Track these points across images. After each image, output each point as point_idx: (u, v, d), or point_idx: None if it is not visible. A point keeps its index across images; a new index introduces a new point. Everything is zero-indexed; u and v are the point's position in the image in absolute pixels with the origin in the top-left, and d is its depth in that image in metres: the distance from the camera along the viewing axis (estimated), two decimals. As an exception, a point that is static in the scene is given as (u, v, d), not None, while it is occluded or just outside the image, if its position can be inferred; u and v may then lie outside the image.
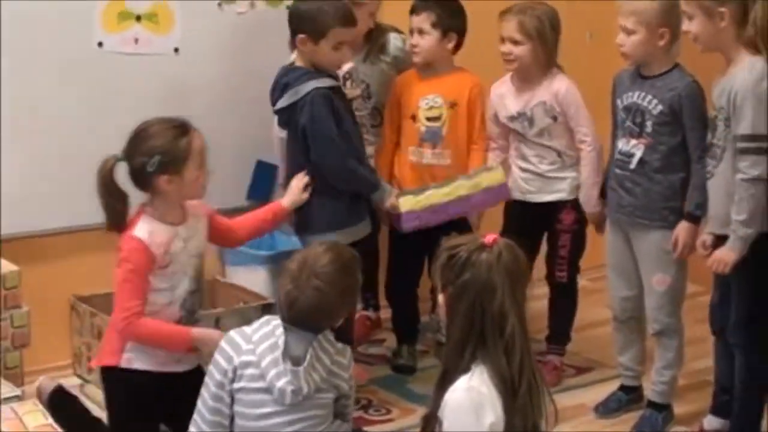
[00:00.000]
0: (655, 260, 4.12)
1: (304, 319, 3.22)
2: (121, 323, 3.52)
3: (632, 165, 4.09)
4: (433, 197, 4.33)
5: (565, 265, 4.59)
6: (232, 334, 3.30)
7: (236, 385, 3.25)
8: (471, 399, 2.82)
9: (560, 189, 4.50)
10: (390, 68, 4.69)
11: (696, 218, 3.99)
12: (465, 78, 4.54)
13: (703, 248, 3.91)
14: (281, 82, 4.15)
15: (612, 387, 4.45)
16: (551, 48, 4.43)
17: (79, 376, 4.49)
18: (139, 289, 3.50)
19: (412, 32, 4.52)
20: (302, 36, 4.10)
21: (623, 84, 4.15)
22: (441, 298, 2.97)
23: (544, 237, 4.63)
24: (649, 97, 4.04)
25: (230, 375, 3.25)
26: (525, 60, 4.41)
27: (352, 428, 3.52)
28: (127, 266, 3.50)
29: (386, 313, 5.01)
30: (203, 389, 3.30)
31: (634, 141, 4.09)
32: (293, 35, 4.14)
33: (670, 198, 4.06)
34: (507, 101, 4.52)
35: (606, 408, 4.37)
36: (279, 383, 3.20)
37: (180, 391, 3.55)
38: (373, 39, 4.65)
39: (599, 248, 4.46)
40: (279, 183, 4.62)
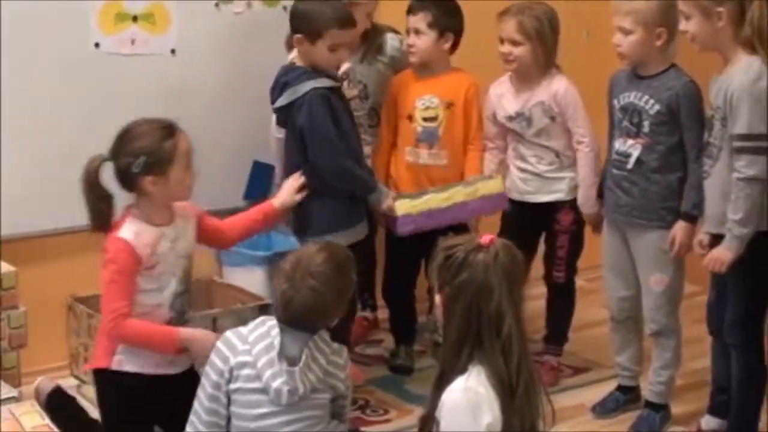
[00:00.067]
0: (653, 260, 4.12)
1: (300, 319, 3.23)
2: (108, 324, 3.51)
3: (629, 165, 4.09)
4: (430, 202, 4.32)
5: (563, 266, 4.59)
6: (228, 335, 3.30)
7: (232, 386, 3.25)
8: (468, 399, 2.82)
9: (558, 189, 4.50)
10: (387, 68, 4.69)
11: (693, 218, 3.99)
12: (461, 78, 4.54)
13: (700, 247, 3.91)
14: (281, 81, 4.15)
15: (609, 387, 4.45)
16: (550, 48, 4.42)
17: (76, 377, 4.48)
18: (126, 291, 3.49)
19: (409, 32, 4.52)
20: (299, 36, 4.10)
21: (620, 84, 4.15)
22: (438, 299, 2.97)
23: (542, 237, 4.63)
24: (646, 97, 4.04)
25: (226, 375, 3.25)
26: (524, 61, 4.40)
27: (349, 428, 3.52)
28: (113, 267, 3.50)
29: (383, 314, 5.01)
30: (200, 390, 3.30)
31: (631, 141, 4.09)
32: (293, 34, 4.14)
33: (668, 198, 4.06)
34: (505, 101, 4.52)
35: (603, 408, 4.37)
36: (275, 384, 3.20)
37: (173, 393, 3.56)
38: (370, 39, 4.65)
39: (596, 248, 4.45)
40: (276, 183, 4.63)
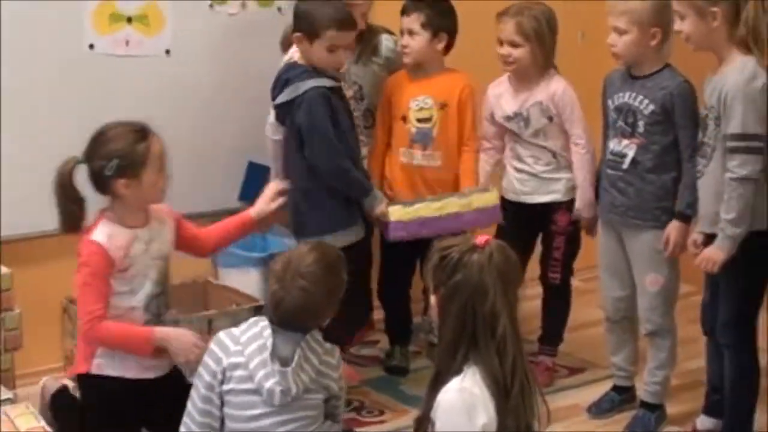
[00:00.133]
0: (648, 260, 4.12)
1: (291, 320, 3.23)
2: (84, 327, 3.53)
3: (625, 165, 4.10)
4: (423, 210, 4.31)
5: (559, 267, 4.59)
6: (221, 336, 3.31)
7: (225, 387, 3.25)
8: (463, 400, 2.82)
9: (555, 190, 4.50)
10: (382, 70, 4.68)
11: (687, 217, 3.99)
12: (455, 79, 4.53)
13: (694, 247, 3.91)
14: (282, 78, 4.17)
15: (605, 387, 4.45)
16: (549, 49, 4.42)
17: (71, 379, 4.47)
18: (100, 293, 3.50)
19: (403, 33, 4.51)
20: (298, 35, 4.11)
21: (614, 85, 4.15)
22: (433, 299, 2.97)
23: (539, 238, 4.63)
24: (641, 97, 4.04)
25: (219, 376, 3.25)
26: (524, 62, 4.40)
27: (343, 429, 3.52)
28: (86, 270, 3.51)
29: (379, 314, 5.01)
30: (193, 391, 3.31)
31: (626, 141, 4.09)
32: (294, 32, 4.15)
33: (663, 198, 4.06)
34: (503, 101, 4.51)
35: (599, 408, 4.38)
36: (267, 384, 3.21)
37: (156, 397, 3.58)
38: (365, 40, 4.64)
39: (592, 249, 4.45)
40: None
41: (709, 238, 3.83)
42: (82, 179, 3.57)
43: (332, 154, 4.11)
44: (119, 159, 3.47)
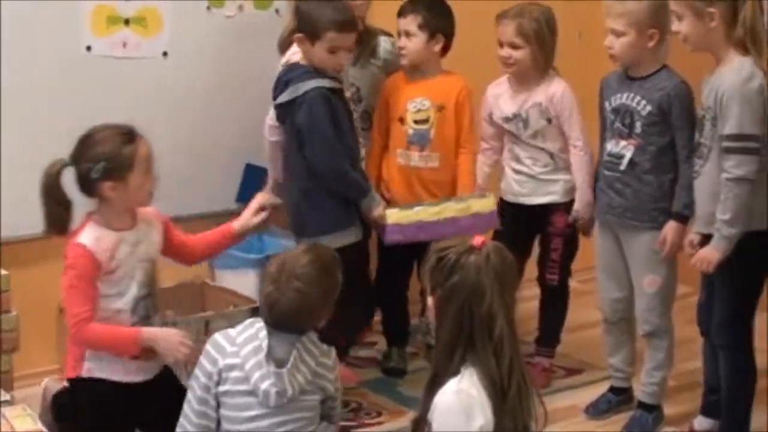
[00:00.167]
0: (646, 261, 4.12)
1: (286, 321, 3.23)
2: (71, 330, 3.52)
3: (622, 166, 4.10)
4: (421, 214, 4.31)
5: (557, 269, 4.59)
6: (217, 337, 3.31)
7: (221, 388, 3.25)
8: (461, 402, 2.82)
9: (553, 191, 4.50)
10: (380, 71, 4.68)
11: (684, 218, 4.00)
12: (453, 81, 4.53)
13: (691, 247, 3.92)
14: (283, 79, 4.17)
15: (602, 388, 4.45)
16: (549, 50, 4.42)
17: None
18: (87, 296, 3.49)
19: (400, 35, 4.52)
20: (300, 35, 4.11)
21: (611, 86, 4.16)
22: (430, 301, 2.97)
23: (536, 239, 4.63)
24: (638, 98, 4.04)
25: (215, 378, 3.25)
26: (524, 63, 4.40)
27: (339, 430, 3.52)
28: (72, 273, 3.50)
29: (376, 316, 5.00)
30: (189, 392, 3.31)
31: (624, 142, 4.09)
32: (297, 32, 4.15)
33: (660, 199, 4.06)
34: (503, 102, 4.52)
35: (596, 409, 4.38)
36: (263, 385, 3.21)
37: (148, 399, 3.58)
38: (363, 42, 4.63)
39: (590, 250, 4.46)
40: (268, 187, 4.64)
41: (706, 239, 3.83)
42: (73, 182, 3.56)
43: (331, 156, 4.11)
44: (106, 162, 3.47)
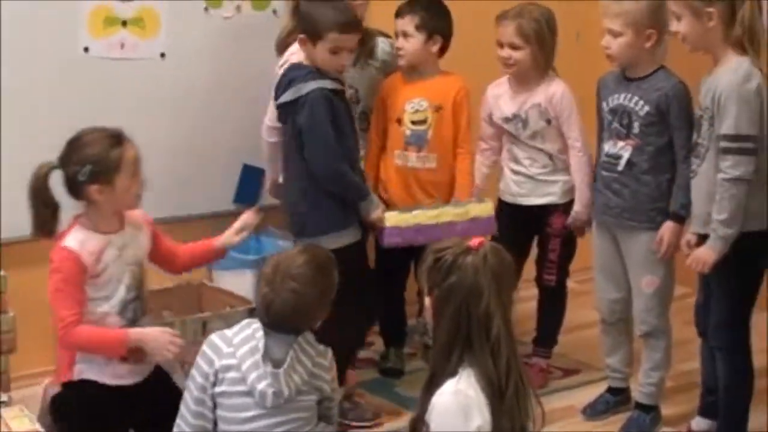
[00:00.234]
0: (644, 262, 4.13)
1: (282, 322, 3.23)
2: (59, 333, 3.52)
3: (620, 167, 4.10)
4: (419, 218, 4.30)
5: (554, 269, 4.59)
6: (213, 338, 3.31)
7: (218, 389, 3.25)
8: (458, 402, 2.82)
9: (551, 192, 4.50)
10: (378, 73, 4.67)
11: (681, 218, 4.00)
12: (450, 81, 4.53)
13: (688, 248, 3.92)
14: (286, 78, 4.16)
15: (600, 389, 4.45)
16: (549, 50, 4.43)
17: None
18: (73, 299, 3.49)
19: (397, 35, 4.52)
20: (302, 36, 4.11)
21: (608, 87, 4.16)
22: (428, 301, 2.97)
23: (534, 240, 4.63)
24: (636, 99, 4.04)
25: (212, 378, 3.25)
26: (524, 64, 4.41)
27: (337, 431, 3.52)
28: (58, 276, 3.51)
29: (374, 316, 5.01)
30: (186, 393, 3.31)
31: (622, 143, 4.09)
32: (298, 33, 4.15)
33: (658, 199, 4.06)
34: (502, 102, 4.52)
35: (594, 410, 4.38)
36: (260, 386, 3.20)
37: (141, 400, 3.58)
38: (362, 43, 4.64)
39: (587, 251, 4.46)
40: (266, 187, 4.65)
41: (703, 239, 3.83)
42: (61, 185, 3.56)
43: (330, 157, 4.10)
44: (92, 165, 3.47)
